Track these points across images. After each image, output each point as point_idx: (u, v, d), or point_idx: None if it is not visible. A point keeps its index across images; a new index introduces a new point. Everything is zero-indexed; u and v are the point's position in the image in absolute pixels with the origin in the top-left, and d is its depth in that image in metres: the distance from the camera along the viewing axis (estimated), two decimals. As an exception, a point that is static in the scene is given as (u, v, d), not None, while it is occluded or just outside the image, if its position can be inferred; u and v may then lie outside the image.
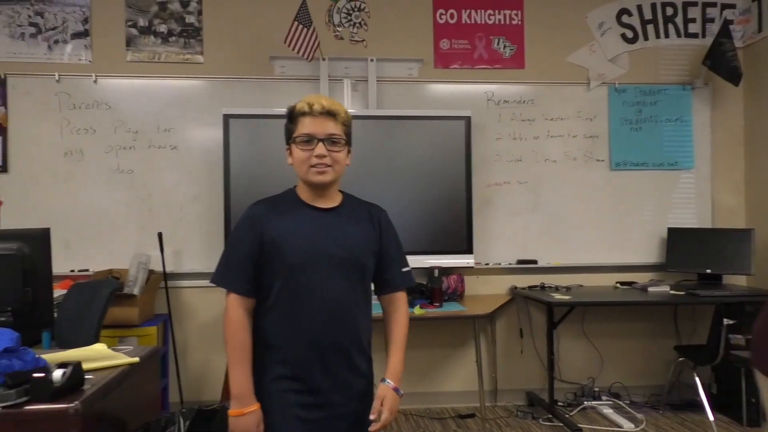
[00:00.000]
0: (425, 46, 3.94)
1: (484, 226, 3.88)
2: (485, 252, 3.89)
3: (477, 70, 3.97)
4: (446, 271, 3.65)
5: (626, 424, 3.42)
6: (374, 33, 3.91)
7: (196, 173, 3.73)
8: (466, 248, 3.72)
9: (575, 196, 3.98)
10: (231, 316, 1.52)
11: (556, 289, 3.74)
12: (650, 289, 3.63)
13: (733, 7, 4.08)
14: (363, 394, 1.60)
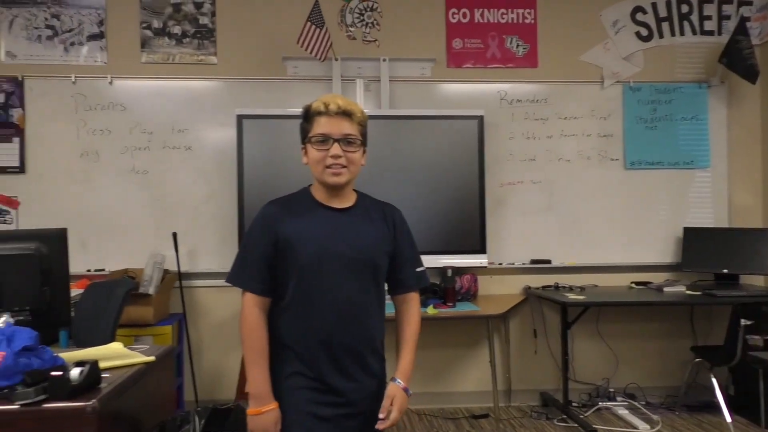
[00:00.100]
0: (438, 45, 3.93)
1: (498, 226, 3.86)
2: (498, 252, 3.87)
3: (490, 70, 3.94)
4: (459, 270, 3.64)
5: (642, 426, 3.38)
6: (387, 33, 3.90)
7: (210, 173, 3.74)
8: (479, 248, 3.70)
9: (589, 195, 3.94)
10: (247, 316, 1.52)
11: (570, 289, 3.71)
12: (666, 290, 3.59)
13: (750, 4, 4.03)
14: (376, 394, 1.59)
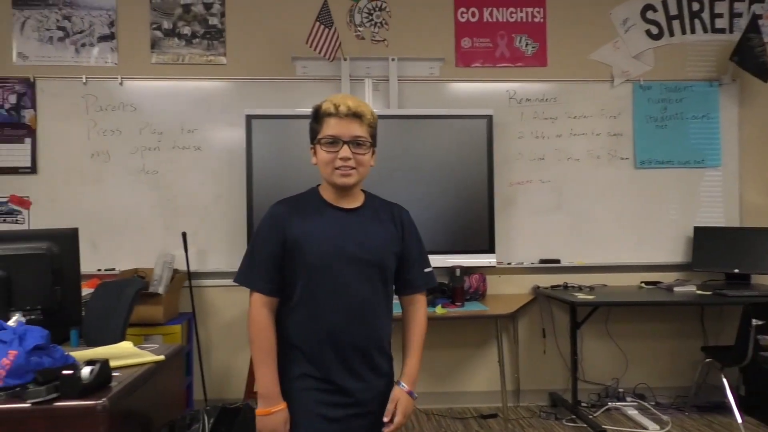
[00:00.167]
0: (446, 44, 3.92)
1: (507, 226, 3.84)
2: (507, 251, 3.85)
3: (499, 69, 3.93)
4: (468, 270, 3.63)
5: (651, 426, 3.36)
6: (395, 32, 3.89)
7: (219, 173, 3.76)
8: (488, 247, 3.69)
9: (599, 194, 3.92)
10: (255, 316, 1.52)
11: (580, 289, 3.69)
12: (676, 289, 3.56)
13: (762, 2, 3.98)
14: (384, 393, 1.59)
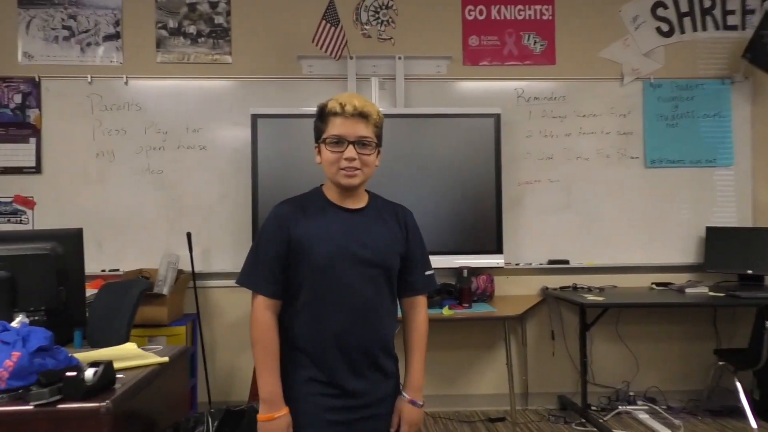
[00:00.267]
0: (454, 43, 3.90)
1: (515, 226, 3.82)
2: (515, 252, 3.83)
3: (507, 67, 3.91)
4: (475, 271, 3.61)
5: (663, 430, 3.32)
6: (402, 30, 3.88)
7: (224, 173, 3.75)
8: (495, 248, 3.67)
9: (609, 194, 3.89)
10: (258, 319, 1.50)
11: (589, 290, 3.67)
12: (688, 291, 3.53)
13: (775, -2, 3.95)
14: (392, 396, 1.58)
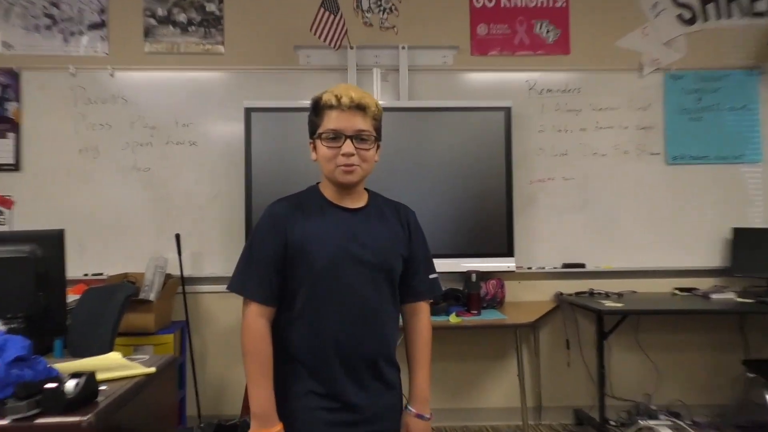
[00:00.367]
0: (461, 31, 3.90)
1: (527, 227, 3.82)
2: (528, 255, 3.82)
3: (517, 57, 3.91)
4: (485, 275, 3.60)
5: (687, 447, 3.33)
6: (406, 19, 3.87)
7: (216, 171, 3.76)
8: (506, 251, 3.67)
9: (627, 193, 3.89)
10: (250, 327, 1.49)
11: (607, 296, 3.65)
12: (713, 296, 3.52)
13: (807, -18, 3.94)
14: (395, 408, 1.58)
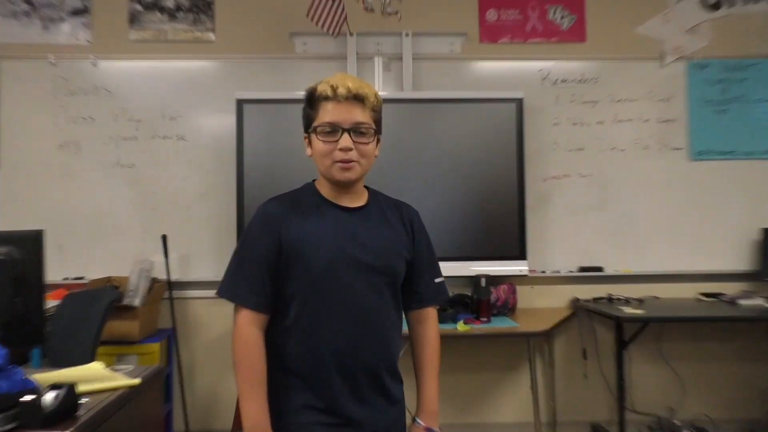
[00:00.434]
0: (469, 17, 3.90)
1: (540, 228, 3.81)
2: (541, 258, 3.81)
3: (530, 45, 3.91)
4: (495, 280, 3.58)
5: (714, 464, 3.29)
6: (410, 4, 3.82)
7: (205, 167, 3.76)
8: (518, 253, 3.66)
9: (648, 191, 3.88)
10: (242, 336, 1.47)
11: (627, 302, 3.63)
12: (741, 302, 3.50)
13: (840, -36, 3.93)
14: (397, 423, 1.57)
